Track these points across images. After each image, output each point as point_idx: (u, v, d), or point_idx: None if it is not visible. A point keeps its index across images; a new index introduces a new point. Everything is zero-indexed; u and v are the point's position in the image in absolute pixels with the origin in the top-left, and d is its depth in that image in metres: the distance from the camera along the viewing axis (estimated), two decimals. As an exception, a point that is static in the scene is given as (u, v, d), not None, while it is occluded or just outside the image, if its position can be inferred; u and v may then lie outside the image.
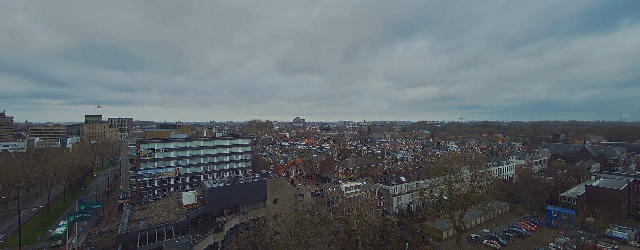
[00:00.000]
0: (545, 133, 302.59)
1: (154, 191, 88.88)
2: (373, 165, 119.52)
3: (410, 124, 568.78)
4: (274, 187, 62.29)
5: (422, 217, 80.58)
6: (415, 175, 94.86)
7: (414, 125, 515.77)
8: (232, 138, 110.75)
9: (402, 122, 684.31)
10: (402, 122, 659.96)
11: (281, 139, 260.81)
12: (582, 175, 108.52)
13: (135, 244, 40.84)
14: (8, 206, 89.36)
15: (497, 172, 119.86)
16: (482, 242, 66.34)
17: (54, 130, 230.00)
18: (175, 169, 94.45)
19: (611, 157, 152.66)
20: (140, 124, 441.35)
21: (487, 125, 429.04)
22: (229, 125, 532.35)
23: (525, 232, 71.40)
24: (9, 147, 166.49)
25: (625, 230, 69.05)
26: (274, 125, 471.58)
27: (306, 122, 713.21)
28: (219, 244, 50.84)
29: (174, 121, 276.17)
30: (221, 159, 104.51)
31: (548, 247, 62.75)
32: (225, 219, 54.60)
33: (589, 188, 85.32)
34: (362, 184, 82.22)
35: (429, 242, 66.69)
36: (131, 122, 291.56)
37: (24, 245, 63.83)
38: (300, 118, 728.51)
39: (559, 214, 77.40)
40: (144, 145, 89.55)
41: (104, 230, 51.15)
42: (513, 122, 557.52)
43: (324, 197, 72.69)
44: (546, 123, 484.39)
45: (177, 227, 44.93)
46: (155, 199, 59.85)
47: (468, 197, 63.94)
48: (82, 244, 44.47)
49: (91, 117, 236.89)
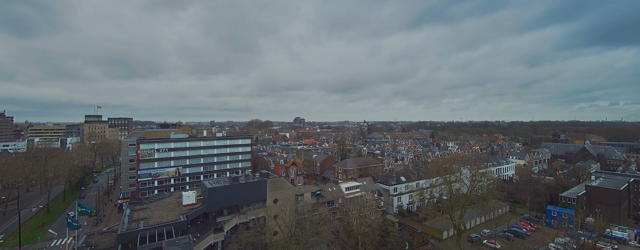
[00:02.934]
0: (545, 133, 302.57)
1: (154, 191, 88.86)
2: (373, 165, 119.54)
3: (410, 124, 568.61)
4: (274, 187, 62.29)
5: (422, 217, 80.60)
6: (415, 175, 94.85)
7: (414, 125, 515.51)
8: (232, 138, 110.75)
9: (402, 122, 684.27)
10: (402, 122, 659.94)
11: (281, 139, 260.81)
12: (582, 175, 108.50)
13: (135, 244, 40.82)
14: (8, 206, 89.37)
15: (497, 172, 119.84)
16: (482, 242, 66.37)
17: (54, 130, 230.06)
18: (175, 169, 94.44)
19: (611, 157, 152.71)
20: (140, 124, 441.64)
21: (487, 125, 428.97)
22: (229, 125, 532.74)
23: (525, 232, 71.41)
24: (9, 147, 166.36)
25: (625, 230, 69.05)
26: (274, 125, 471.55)
27: (306, 122, 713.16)
28: (219, 244, 50.83)
29: (174, 121, 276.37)
30: (221, 159, 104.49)
31: (548, 247, 62.73)
32: (225, 219, 54.59)
33: (589, 188, 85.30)
34: (362, 184, 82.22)
35: (429, 242, 66.68)
36: (131, 122, 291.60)
37: (24, 245, 63.83)
38: (300, 118, 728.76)
39: (559, 214, 77.40)
40: (144, 145, 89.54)
41: (104, 230, 51.10)
42: (513, 122, 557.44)
43: (324, 197, 72.67)
44: (546, 123, 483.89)
45: (177, 227, 44.92)
46: (155, 199, 59.82)
47: (468, 197, 63.90)
48: (82, 244, 44.44)
49: (91, 117, 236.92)
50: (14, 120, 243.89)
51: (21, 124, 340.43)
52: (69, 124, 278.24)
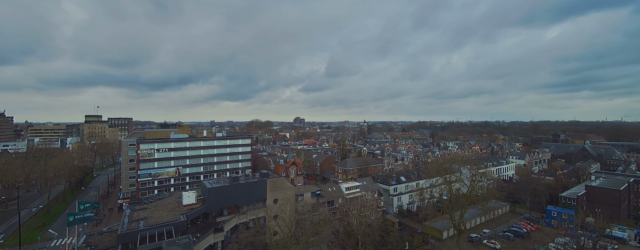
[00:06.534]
0: (545, 133, 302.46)
1: (154, 191, 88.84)
2: (373, 165, 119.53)
3: (410, 124, 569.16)
4: (274, 187, 62.28)
5: (422, 217, 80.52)
6: (415, 175, 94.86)
7: (414, 125, 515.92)
8: (232, 138, 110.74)
9: (402, 122, 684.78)
10: (402, 122, 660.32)
11: (281, 139, 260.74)
12: (582, 175, 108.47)
13: (135, 244, 40.79)
14: (8, 206, 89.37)
15: (497, 172, 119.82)
16: (482, 242, 66.37)
17: (54, 130, 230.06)
18: (175, 169, 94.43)
19: (611, 157, 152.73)
20: (140, 124, 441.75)
21: (487, 125, 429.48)
22: (229, 125, 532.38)
23: (525, 232, 71.42)
24: (9, 147, 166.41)
25: (625, 230, 69.03)
26: (274, 125, 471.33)
27: (306, 122, 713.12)
28: (219, 244, 50.79)
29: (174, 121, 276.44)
30: (221, 159, 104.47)
31: (548, 247, 62.75)
32: (225, 219, 54.57)
33: (589, 188, 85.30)
34: (362, 184, 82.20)
35: (429, 242, 66.69)
36: (131, 122, 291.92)
37: (24, 245, 63.84)
38: (300, 118, 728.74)
39: (559, 214, 77.38)
40: (144, 145, 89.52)
41: (104, 230, 51.08)
42: (513, 122, 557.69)
43: (324, 197, 72.65)
44: (546, 123, 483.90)
45: (177, 227, 44.88)
46: (155, 199, 59.80)
47: (468, 197, 63.88)
48: (82, 244, 44.44)
49: (91, 117, 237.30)
50: (14, 120, 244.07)
51: (21, 124, 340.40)
52: (69, 124, 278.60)
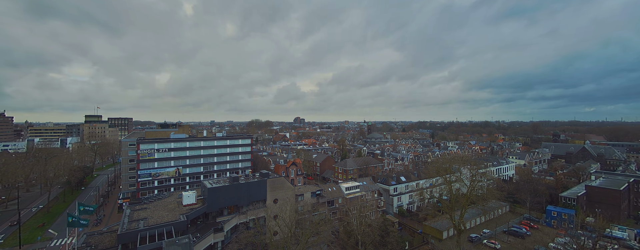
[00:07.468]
0: (545, 133, 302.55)
1: (154, 191, 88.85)
2: (373, 165, 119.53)
3: (410, 123, 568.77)
4: (274, 187, 62.29)
5: (422, 217, 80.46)
6: (415, 175, 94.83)
7: (414, 125, 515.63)
8: (232, 138, 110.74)
9: (402, 122, 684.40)
10: (402, 122, 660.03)
11: (281, 139, 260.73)
12: (582, 175, 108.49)
13: (135, 244, 40.81)
14: (8, 206, 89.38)
15: (497, 172, 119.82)
16: (482, 242, 66.36)
17: (54, 130, 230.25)
18: (175, 169, 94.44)
19: (611, 157, 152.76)
20: (140, 124, 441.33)
21: (487, 125, 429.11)
22: (229, 125, 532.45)
23: (525, 232, 71.40)
24: (9, 147, 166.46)
25: (625, 230, 69.04)
26: (274, 125, 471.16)
27: (306, 122, 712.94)
28: (219, 244, 50.81)
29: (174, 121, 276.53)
30: (221, 159, 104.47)
31: (548, 247, 62.75)
32: (225, 219, 54.60)
33: (589, 188, 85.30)
34: (362, 184, 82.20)
35: (429, 242, 66.67)
36: (131, 122, 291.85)
37: (24, 245, 63.84)
38: (300, 118, 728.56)
39: (559, 214, 77.38)
40: (144, 145, 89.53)
41: (104, 230, 51.10)
42: (513, 122, 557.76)
43: (324, 197, 72.65)
44: (546, 123, 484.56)
45: (177, 227, 44.90)
46: (155, 199, 59.82)
47: (468, 197, 63.87)
48: (82, 244, 44.44)
49: (91, 117, 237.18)
50: (14, 120, 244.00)
51: (21, 124, 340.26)
52: (69, 124, 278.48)
